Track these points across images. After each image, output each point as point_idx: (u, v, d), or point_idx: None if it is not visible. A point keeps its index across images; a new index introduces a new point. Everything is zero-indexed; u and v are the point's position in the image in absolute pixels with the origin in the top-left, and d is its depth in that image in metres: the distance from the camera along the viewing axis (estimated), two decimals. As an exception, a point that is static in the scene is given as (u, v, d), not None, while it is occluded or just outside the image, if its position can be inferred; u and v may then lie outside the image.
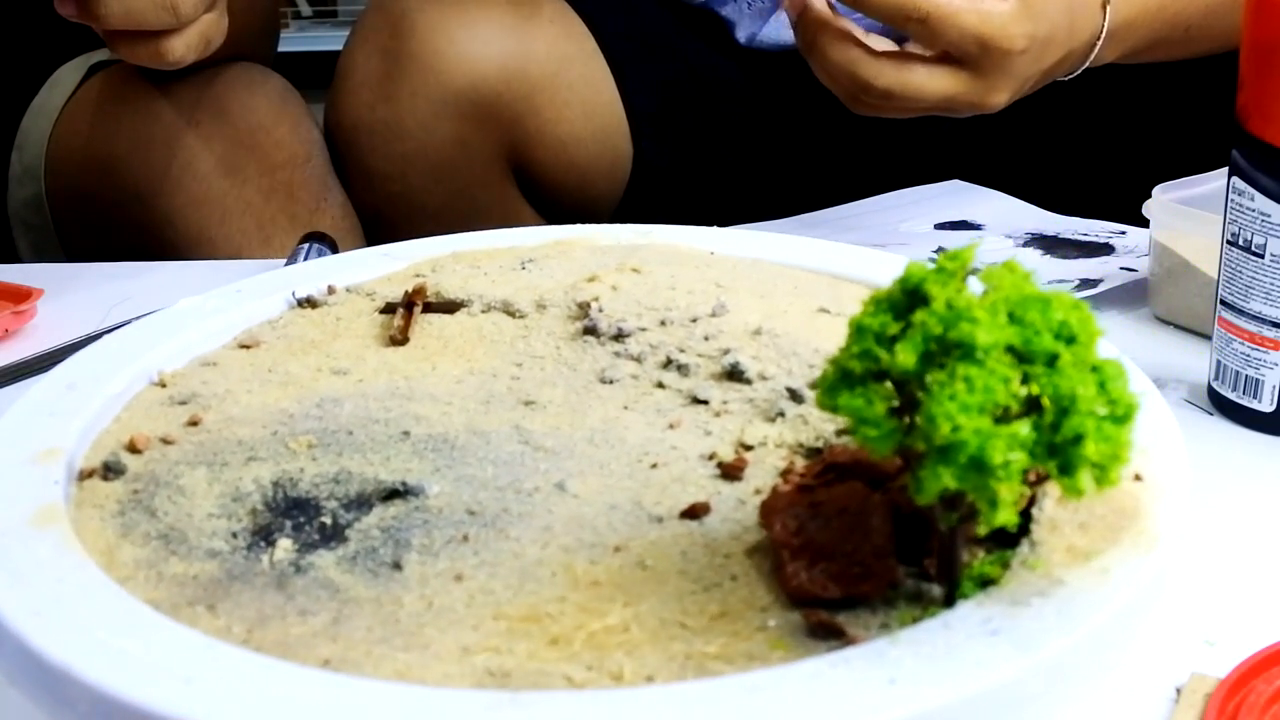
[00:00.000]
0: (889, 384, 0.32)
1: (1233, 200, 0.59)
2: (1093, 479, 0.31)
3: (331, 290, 0.54)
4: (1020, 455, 0.31)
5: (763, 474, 0.41)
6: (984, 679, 0.32)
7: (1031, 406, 0.32)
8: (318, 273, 0.56)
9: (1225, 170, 0.60)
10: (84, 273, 0.85)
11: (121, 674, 0.32)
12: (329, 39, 2.54)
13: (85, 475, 0.42)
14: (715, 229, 0.58)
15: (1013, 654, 0.32)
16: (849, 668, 0.32)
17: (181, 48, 0.74)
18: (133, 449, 0.44)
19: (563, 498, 0.41)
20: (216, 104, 0.94)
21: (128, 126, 0.94)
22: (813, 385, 0.45)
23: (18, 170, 1.02)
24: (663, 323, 0.49)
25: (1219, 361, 0.61)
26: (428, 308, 0.52)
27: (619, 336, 0.49)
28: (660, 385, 0.47)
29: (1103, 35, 0.75)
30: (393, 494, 0.41)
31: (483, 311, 0.52)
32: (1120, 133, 1.05)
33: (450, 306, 0.53)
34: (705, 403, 0.45)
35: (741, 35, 1.04)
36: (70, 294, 0.79)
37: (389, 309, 0.53)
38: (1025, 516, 0.37)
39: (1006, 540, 0.36)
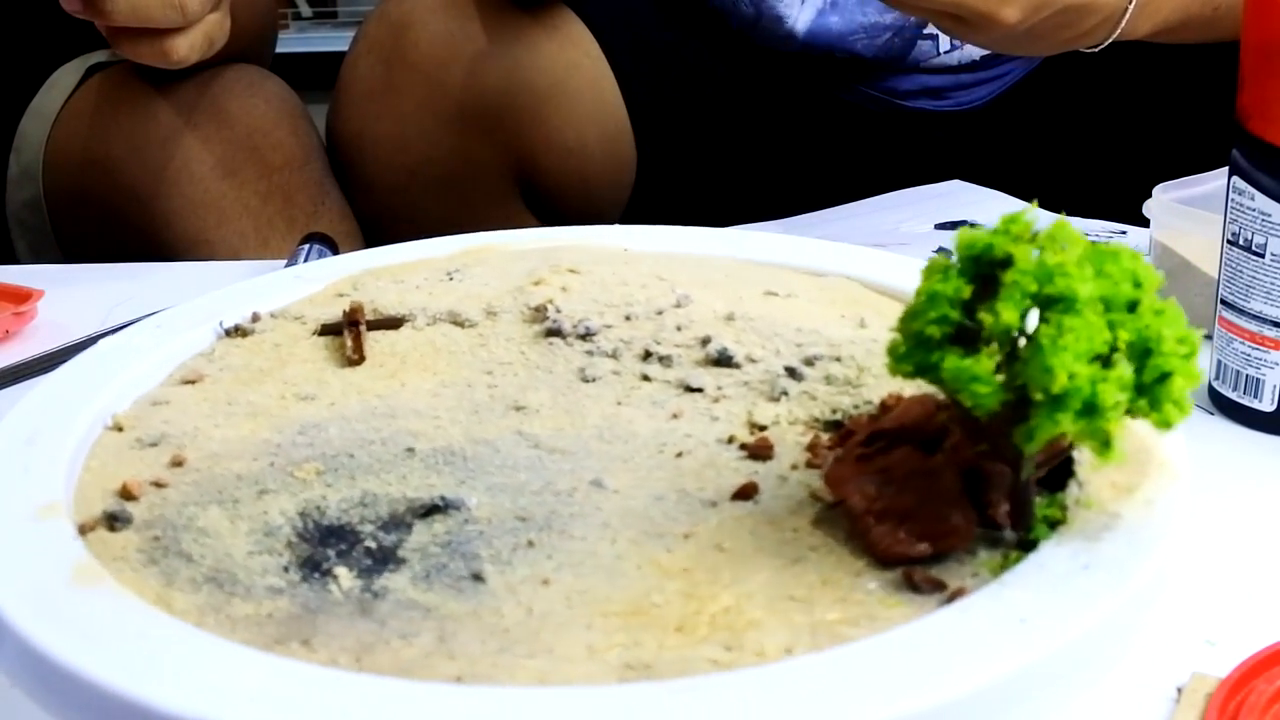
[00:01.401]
0: (992, 344, 0.34)
1: (1233, 200, 0.59)
2: (1178, 411, 0.34)
3: (256, 317, 0.52)
4: (1126, 396, 0.33)
5: (787, 451, 0.42)
6: (1099, 609, 0.34)
7: (1112, 350, 0.34)
8: (236, 300, 0.53)
9: (1225, 170, 0.59)
10: (84, 274, 0.85)
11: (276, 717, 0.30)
12: (329, 40, 2.53)
13: (88, 528, 0.39)
14: (624, 227, 0.59)
15: (1110, 583, 0.35)
16: (979, 613, 0.34)
17: (185, 47, 0.74)
18: (127, 495, 0.41)
19: (604, 494, 0.41)
20: (214, 106, 0.93)
21: (125, 128, 0.93)
22: (808, 362, 0.46)
23: (15, 172, 1.00)
24: (627, 318, 0.50)
25: (1220, 361, 0.61)
26: (370, 325, 0.51)
27: (586, 335, 0.49)
28: (646, 378, 0.47)
29: (1130, 8, 0.74)
30: (431, 510, 0.40)
31: (428, 324, 0.51)
32: (1120, 133, 1.04)
33: (393, 322, 0.51)
34: (699, 390, 0.46)
35: (800, 28, 1.01)
36: (71, 295, 0.78)
37: (328, 330, 0.51)
38: (1068, 460, 0.39)
39: (1052, 485, 0.39)
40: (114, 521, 0.40)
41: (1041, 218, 0.35)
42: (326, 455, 0.43)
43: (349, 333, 0.50)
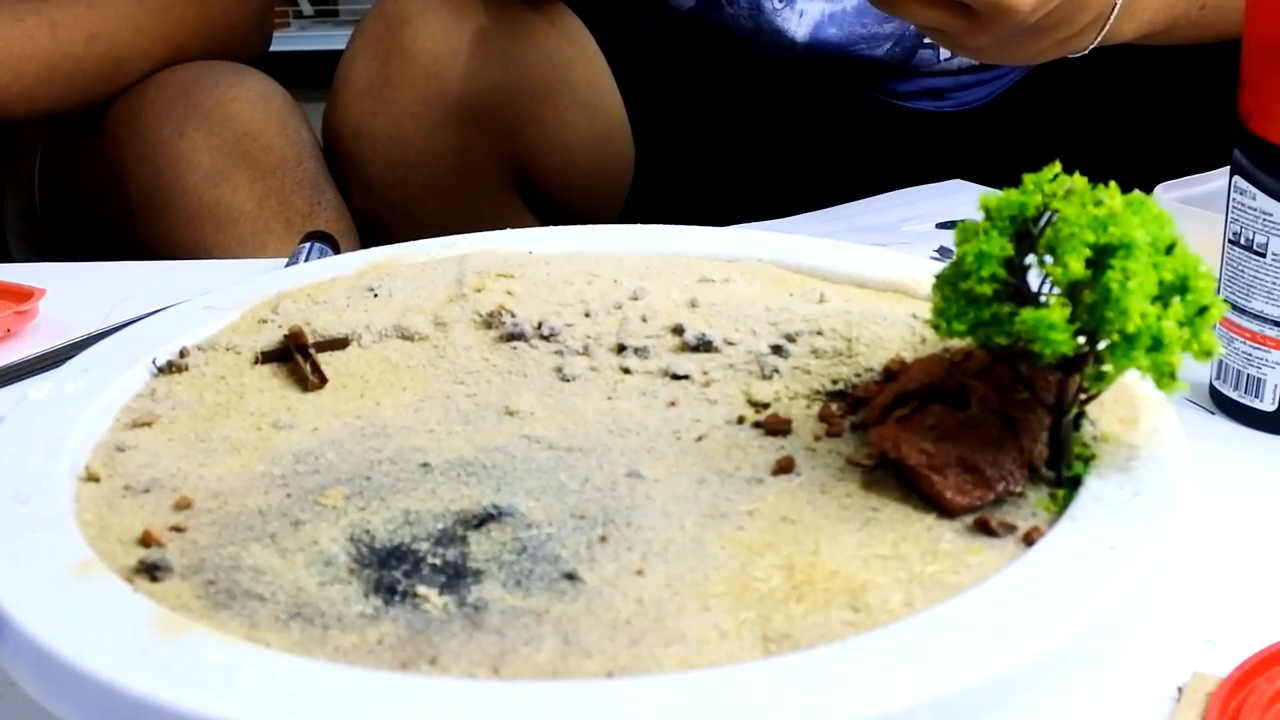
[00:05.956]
0: (1048, 295, 0.36)
1: (1234, 199, 0.59)
2: (1214, 341, 0.37)
3: (185, 352, 0.50)
4: (1185, 331, 0.36)
5: (799, 424, 0.44)
6: (1166, 529, 0.37)
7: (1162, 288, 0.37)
8: (154, 336, 0.50)
9: (1227, 169, 0.59)
10: (86, 272, 0.85)
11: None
12: (330, 38, 2.48)
13: (128, 581, 0.37)
14: (527, 230, 0.59)
15: (1164, 504, 0.38)
16: (1067, 548, 0.36)
17: None
18: (149, 543, 0.39)
19: (646, 484, 0.41)
20: (199, 113, 0.91)
21: (114, 144, 0.92)
22: (789, 338, 0.47)
23: (12, 185, 0.99)
24: (586, 315, 0.50)
25: (1221, 361, 0.61)
26: (317, 348, 0.49)
27: (550, 336, 0.49)
28: (626, 371, 0.47)
29: (1117, 6, 0.74)
30: (484, 520, 0.39)
31: (375, 342, 0.50)
32: (1121, 132, 1.04)
33: (339, 343, 0.50)
34: (686, 377, 0.47)
35: (800, 40, 0.99)
36: (72, 294, 0.78)
37: (270, 358, 0.49)
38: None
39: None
40: (155, 570, 0.37)
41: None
42: (339, 480, 0.42)
43: (302, 357, 0.48)
